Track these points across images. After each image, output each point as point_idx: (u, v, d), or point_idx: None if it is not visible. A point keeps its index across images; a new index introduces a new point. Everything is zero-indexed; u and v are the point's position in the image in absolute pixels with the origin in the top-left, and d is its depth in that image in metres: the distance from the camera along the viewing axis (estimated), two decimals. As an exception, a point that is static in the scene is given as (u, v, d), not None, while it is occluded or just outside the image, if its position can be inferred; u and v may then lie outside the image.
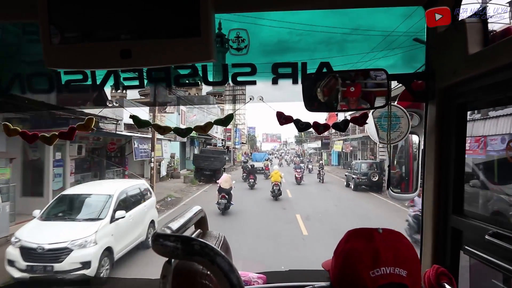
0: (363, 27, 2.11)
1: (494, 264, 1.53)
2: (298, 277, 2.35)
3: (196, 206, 1.53)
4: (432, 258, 1.91)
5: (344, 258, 1.15)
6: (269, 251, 10.46)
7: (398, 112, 2.05)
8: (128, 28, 1.33)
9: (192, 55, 1.36)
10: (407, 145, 2.25)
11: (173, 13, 1.32)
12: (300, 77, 1.88)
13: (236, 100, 43.12)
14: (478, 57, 1.55)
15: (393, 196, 2.22)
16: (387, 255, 1.09)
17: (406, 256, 1.12)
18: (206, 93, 48.43)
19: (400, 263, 1.09)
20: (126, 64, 1.38)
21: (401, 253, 1.11)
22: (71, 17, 1.35)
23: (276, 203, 19.53)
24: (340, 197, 22.00)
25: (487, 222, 1.63)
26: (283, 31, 2.05)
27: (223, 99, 49.93)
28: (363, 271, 1.08)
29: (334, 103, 1.79)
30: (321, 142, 55.16)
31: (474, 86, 1.64)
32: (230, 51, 1.81)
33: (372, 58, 2.12)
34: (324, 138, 51.80)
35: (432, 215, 1.92)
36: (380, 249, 1.10)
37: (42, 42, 1.33)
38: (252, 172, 26.36)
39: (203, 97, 43.07)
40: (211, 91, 49.40)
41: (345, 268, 1.13)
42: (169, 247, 1.00)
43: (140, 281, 2.52)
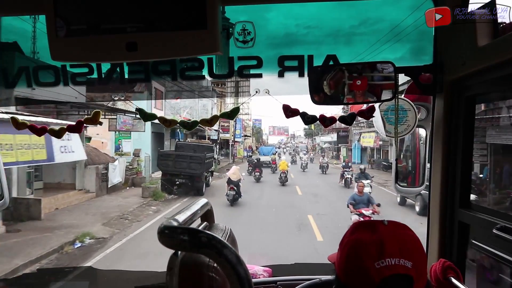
0: (371, 19, 2.09)
1: (502, 258, 1.52)
2: (304, 270, 2.35)
3: (203, 199, 1.53)
4: (439, 252, 1.91)
5: (349, 250, 1.15)
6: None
7: (405, 105, 2.03)
8: (134, 21, 1.33)
9: (198, 47, 1.36)
10: (414, 138, 2.23)
11: (179, 5, 1.31)
12: (306, 70, 1.87)
13: (239, 92, 38.22)
14: (488, 49, 1.53)
15: (399, 190, 2.21)
16: (392, 247, 1.09)
17: (411, 248, 1.12)
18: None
19: (405, 255, 1.09)
20: (132, 57, 1.37)
21: (406, 245, 1.11)
22: (77, 10, 1.34)
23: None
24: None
25: (495, 216, 1.62)
26: (290, 24, 2.03)
27: (224, 89, 40.69)
28: (368, 262, 1.08)
29: (341, 96, 1.78)
30: (337, 135, 48.91)
31: (483, 79, 1.62)
32: (236, 43, 1.80)
33: (379, 51, 2.10)
34: (342, 130, 46.05)
35: (439, 209, 1.91)
36: (385, 241, 1.10)
37: (48, 35, 1.33)
38: (258, 165, 26.29)
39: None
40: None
41: (350, 259, 1.14)
42: (176, 239, 1.00)
43: (146, 274, 2.53)
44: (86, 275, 2.88)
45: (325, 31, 2.32)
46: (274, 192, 21.28)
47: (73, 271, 3.00)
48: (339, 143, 48.39)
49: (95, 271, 3.08)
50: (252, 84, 4.20)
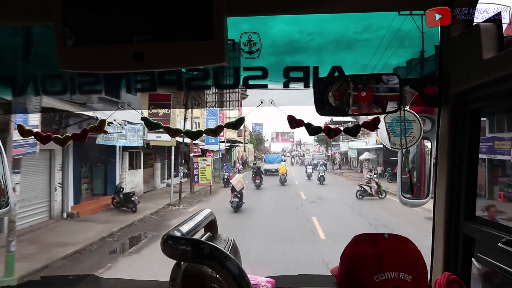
0: (375, 26, 2.10)
1: (507, 272, 1.50)
2: (307, 281, 2.33)
3: (206, 209, 1.53)
4: (444, 265, 1.89)
5: (349, 263, 1.15)
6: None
7: (410, 117, 2.03)
8: (141, 31, 1.35)
9: (204, 58, 1.37)
10: (419, 150, 2.22)
11: (186, 16, 1.32)
12: (311, 80, 1.87)
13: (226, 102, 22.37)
14: (493, 62, 1.53)
15: (404, 201, 2.19)
16: (391, 260, 1.09)
17: (411, 261, 1.12)
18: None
19: (405, 269, 1.08)
20: (138, 67, 1.39)
21: (406, 258, 1.11)
22: (85, 20, 1.36)
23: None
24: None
25: (500, 230, 1.60)
26: (293, 31, 2.04)
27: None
28: (367, 275, 1.08)
29: (346, 108, 1.78)
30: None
31: (488, 92, 1.62)
32: (242, 54, 1.81)
33: (383, 57, 2.11)
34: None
35: (444, 222, 1.90)
36: (384, 254, 1.10)
37: (57, 45, 1.35)
38: (258, 173, 27.07)
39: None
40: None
41: (349, 272, 1.14)
42: (179, 250, 1.00)
43: (149, 283, 2.52)
44: (89, 283, 2.87)
45: (329, 37, 2.33)
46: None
47: (76, 278, 2.99)
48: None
49: (98, 279, 3.06)
50: (253, 93, 3.77)
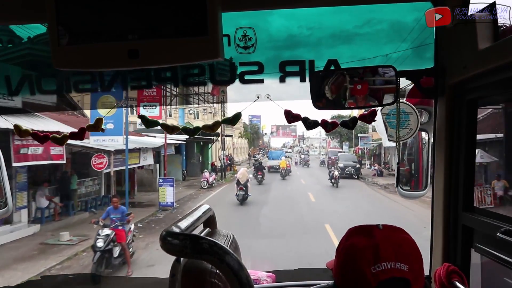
0: (374, 20, 2.09)
1: (506, 262, 1.51)
2: (307, 275, 2.35)
3: (205, 205, 1.53)
4: (443, 256, 1.90)
5: (345, 255, 1.15)
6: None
7: (407, 109, 2.03)
8: (135, 28, 1.34)
9: (199, 54, 1.36)
10: (416, 142, 2.23)
11: (180, 13, 1.32)
12: (307, 74, 1.87)
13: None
14: (488, 52, 1.53)
15: (402, 194, 2.20)
16: (388, 251, 1.10)
17: (407, 251, 1.13)
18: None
19: (401, 258, 1.09)
20: (133, 64, 1.38)
21: (401, 248, 1.12)
22: (78, 18, 1.35)
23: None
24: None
25: (499, 220, 1.61)
26: (293, 26, 2.03)
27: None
28: (364, 267, 1.09)
29: (342, 101, 1.78)
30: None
31: (484, 82, 1.62)
32: (237, 49, 1.80)
33: (382, 51, 2.10)
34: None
35: (443, 213, 1.90)
36: (380, 245, 1.11)
37: (50, 43, 1.34)
38: (260, 168, 27.32)
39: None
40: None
41: (346, 265, 1.14)
42: (178, 245, 1.00)
43: (149, 280, 2.53)
44: (89, 282, 2.88)
45: (328, 31, 2.32)
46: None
47: (76, 278, 2.99)
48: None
49: (98, 277, 3.07)
50: (252, 88, 3.82)
